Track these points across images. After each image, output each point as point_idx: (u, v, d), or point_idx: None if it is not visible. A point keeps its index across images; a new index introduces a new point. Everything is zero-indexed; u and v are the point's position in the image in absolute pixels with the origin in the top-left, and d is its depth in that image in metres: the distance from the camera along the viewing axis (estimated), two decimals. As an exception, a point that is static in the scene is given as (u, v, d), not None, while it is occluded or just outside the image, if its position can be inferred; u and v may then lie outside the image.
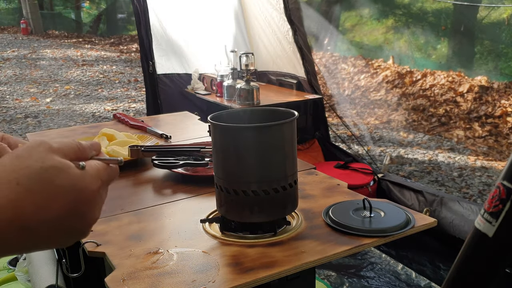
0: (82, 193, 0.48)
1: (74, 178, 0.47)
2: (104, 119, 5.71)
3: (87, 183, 0.49)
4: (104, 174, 0.52)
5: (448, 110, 5.40)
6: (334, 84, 6.86)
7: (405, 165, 4.14)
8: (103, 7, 16.00)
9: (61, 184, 0.46)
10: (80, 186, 0.48)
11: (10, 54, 10.85)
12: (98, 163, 0.53)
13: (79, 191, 0.48)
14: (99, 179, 0.51)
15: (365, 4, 8.08)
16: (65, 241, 0.50)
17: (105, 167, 0.53)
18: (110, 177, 0.54)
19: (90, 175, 0.50)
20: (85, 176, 0.49)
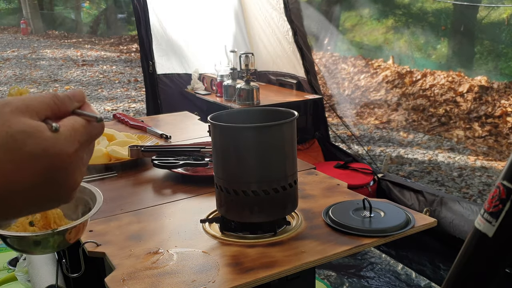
0: (56, 158, 0.43)
1: (46, 143, 0.42)
2: (104, 119, 5.70)
3: (61, 146, 0.43)
4: (83, 133, 0.45)
5: (448, 110, 5.40)
6: (334, 84, 6.86)
7: (405, 165, 4.14)
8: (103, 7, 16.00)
9: (31, 151, 0.41)
10: (53, 152, 0.42)
11: (10, 54, 10.85)
12: (76, 122, 0.45)
13: (53, 157, 0.42)
14: (76, 140, 0.44)
15: (365, 4, 8.08)
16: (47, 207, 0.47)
17: (83, 126, 0.46)
18: (90, 136, 0.47)
19: (65, 137, 0.43)
20: (59, 140, 0.43)
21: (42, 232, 0.81)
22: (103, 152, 1.53)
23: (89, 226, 1.12)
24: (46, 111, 0.44)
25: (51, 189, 0.44)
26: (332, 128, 4.17)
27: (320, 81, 4.80)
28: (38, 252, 0.88)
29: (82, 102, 0.48)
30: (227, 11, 3.89)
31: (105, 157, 1.53)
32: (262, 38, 3.86)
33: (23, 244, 0.82)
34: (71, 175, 0.45)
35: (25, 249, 0.84)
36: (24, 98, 0.43)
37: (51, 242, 0.82)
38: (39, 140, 0.41)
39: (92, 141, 0.48)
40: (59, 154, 0.43)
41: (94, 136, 0.47)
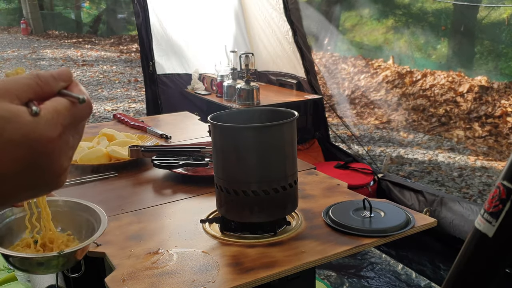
0: (38, 143, 0.40)
1: (25, 128, 0.39)
2: (104, 119, 5.71)
3: (42, 131, 0.40)
4: (66, 116, 0.42)
5: (448, 110, 5.40)
6: (334, 84, 6.86)
7: (405, 165, 4.14)
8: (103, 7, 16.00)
9: (10, 137, 0.39)
10: (33, 137, 0.40)
11: (10, 54, 10.86)
12: (59, 103, 0.42)
13: (33, 142, 0.40)
14: (59, 124, 0.42)
15: (365, 4, 8.08)
16: (33, 195, 0.45)
17: (66, 108, 0.43)
18: (75, 119, 0.44)
19: (46, 120, 0.41)
20: (39, 123, 0.40)
21: (47, 254, 0.79)
22: (103, 152, 1.53)
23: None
24: (27, 94, 0.41)
25: (35, 176, 0.42)
26: (332, 128, 4.17)
27: (320, 81, 4.80)
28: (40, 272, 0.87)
29: (68, 81, 0.45)
30: (227, 11, 3.89)
31: (105, 157, 1.53)
32: (262, 38, 3.86)
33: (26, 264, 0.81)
34: (56, 160, 0.42)
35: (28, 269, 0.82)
36: (5, 81, 0.41)
37: (54, 263, 0.81)
38: (18, 125, 0.39)
39: (78, 123, 0.45)
40: (40, 139, 0.40)
41: (79, 118, 0.44)
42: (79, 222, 0.88)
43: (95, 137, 1.70)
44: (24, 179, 0.41)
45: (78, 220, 0.88)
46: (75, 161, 1.52)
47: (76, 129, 0.45)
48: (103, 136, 1.69)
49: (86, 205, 0.90)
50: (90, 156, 1.51)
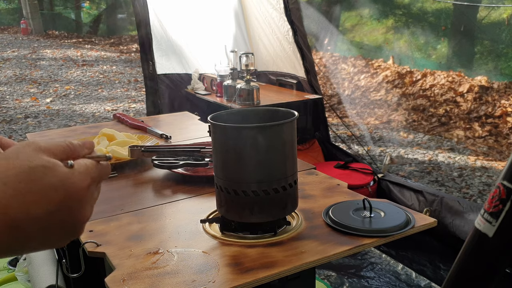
0: (71, 189, 0.48)
1: (62, 176, 0.48)
2: (104, 119, 5.71)
3: (76, 180, 0.49)
4: (94, 171, 0.52)
5: (448, 110, 5.40)
6: (334, 84, 6.86)
7: (405, 165, 4.14)
8: (103, 7, 16.00)
9: (49, 182, 0.46)
10: (68, 183, 0.48)
11: (10, 54, 10.86)
12: (88, 161, 0.52)
13: (68, 188, 0.48)
14: (89, 176, 0.51)
15: (365, 4, 8.08)
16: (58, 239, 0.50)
17: (94, 165, 0.53)
18: (101, 174, 0.54)
19: (79, 172, 0.50)
20: (74, 173, 0.49)
21: None
22: (103, 152, 1.53)
23: (89, 226, 1.12)
24: (61, 154, 0.50)
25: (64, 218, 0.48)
26: (332, 128, 4.17)
27: (320, 81, 4.80)
28: None
29: (91, 150, 0.55)
30: (227, 11, 3.89)
31: (105, 157, 1.53)
32: (262, 38, 3.86)
33: None
34: (84, 206, 0.50)
35: None
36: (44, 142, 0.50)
37: None
38: (56, 173, 0.47)
39: (101, 179, 0.54)
40: (74, 186, 0.48)
41: (103, 175, 0.54)
42: None
43: (95, 137, 1.70)
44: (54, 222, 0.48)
45: None
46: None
47: (98, 186, 0.54)
48: (103, 136, 1.69)
49: None
50: (90, 156, 1.51)
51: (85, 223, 0.52)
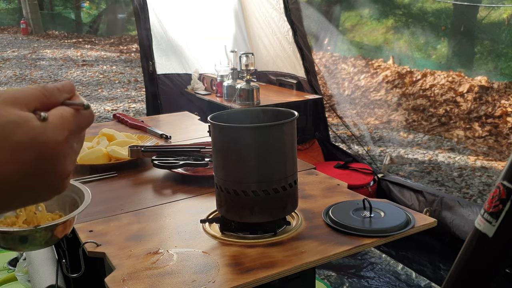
0: (45, 147, 0.43)
1: (34, 132, 0.42)
2: (104, 119, 5.71)
3: (50, 135, 0.43)
4: (72, 122, 0.46)
5: (448, 110, 5.40)
6: (334, 84, 6.86)
7: (405, 165, 4.14)
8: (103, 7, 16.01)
9: (19, 140, 0.41)
10: (41, 140, 0.43)
11: (10, 54, 10.86)
12: (64, 111, 0.46)
13: (41, 146, 0.43)
14: (65, 128, 0.45)
15: (365, 4, 8.08)
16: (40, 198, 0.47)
17: (72, 114, 0.46)
18: (80, 125, 0.47)
19: (54, 126, 0.44)
20: (47, 128, 0.43)
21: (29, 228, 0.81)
22: (103, 152, 1.53)
23: (89, 226, 1.12)
24: (35, 103, 0.44)
25: (42, 178, 0.44)
26: (332, 128, 4.17)
27: (320, 81, 4.80)
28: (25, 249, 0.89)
29: (71, 93, 0.48)
30: (227, 11, 3.89)
31: (105, 157, 1.53)
32: (262, 38, 3.86)
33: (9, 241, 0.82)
34: (61, 163, 0.45)
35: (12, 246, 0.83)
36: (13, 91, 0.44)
37: (37, 239, 0.82)
38: (27, 129, 0.42)
39: (82, 130, 0.48)
40: (48, 143, 0.43)
41: (83, 125, 0.48)
42: (63, 201, 0.90)
43: (95, 137, 1.70)
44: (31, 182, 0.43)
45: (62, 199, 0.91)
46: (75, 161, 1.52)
47: (79, 136, 0.48)
48: (103, 136, 1.69)
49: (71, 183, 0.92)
50: (90, 156, 1.51)
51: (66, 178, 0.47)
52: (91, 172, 1.47)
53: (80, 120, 0.47)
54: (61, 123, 0.45)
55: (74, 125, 0.46)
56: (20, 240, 0.82)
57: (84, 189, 0.93)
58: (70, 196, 0.92)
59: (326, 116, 3.88)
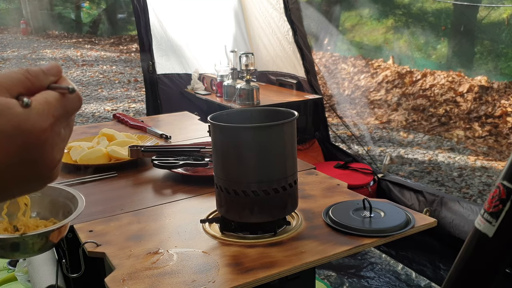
0: (30, 135, 0.40)
1: (17, 120, 0.40)
2: (104, 119, 5.71)
3: (34, 122, 0.40)
4: (58, 107, 0.43)
5: (448, 110, 5.40)
6: (334, 84, 6.86)
7: (405, 165, 4.14)
8: (103, 7, 16.00)
9: (2, 130, 0.39)
10: (25, 128, 0.40)
11: (10, 54, 10.85)
12: (49, 95, 0.43)
13: (25, 134, 0.40)
14: (50, 114, 0.42)
15: (365, 4, 8.08)
16: (27, 189, 0.44)
17: (58, 99, 0.43)
18: (67, 110, 0.44)
19: (37, 112, 0.41)
20: (31, 115, 0.40)
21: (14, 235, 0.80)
22: (103, 152, 1.53)
23: (89, 226, 1.12)
24: (18, 88, 0.42)
25: (28, 169, 0.42)
26: (332, 128, 4.17)
27: (320, 81, 4.80)
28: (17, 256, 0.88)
29: (58, 76, 0.45)
30: (227, 11, 3.89)
31: (105, 157, 1.53)
32: (262, 38, 3.86)
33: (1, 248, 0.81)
34: (48, 151, 0.42)
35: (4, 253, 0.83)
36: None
37: (29, 247, 0.82)
38: (9, 117, 0.39)
39: (69, 115, 0.45)
40: (32, 130, 0.40)
41: (70, 110, 0.45)
42: (56, 207, 0.90)
43: (95, 137, 1.70)
44: (17, 173, 0.41)
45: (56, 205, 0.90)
46: (75, 161, 1.52)
47: (67, 122, 0.45)
48: (103, 136, 1.69)
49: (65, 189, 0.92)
50: (90, 156, 1.51)
51: (55, 167, 0.44)
52: (91, 172, 1.47)
53: (66, 105, 0.44)
54: (45, 108, 0.42)
55: (60, 111, 0.43)
56: (12, 247, 0.81)
57: (77, 196, 0.92)
58: (63, 203, 0.92)
59: (326, 116, 3.88)
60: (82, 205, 0.90)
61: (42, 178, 0.44)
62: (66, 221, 0.86)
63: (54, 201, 0.93)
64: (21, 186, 0.43)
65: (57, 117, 0.43)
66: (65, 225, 0.87)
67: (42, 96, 0.42)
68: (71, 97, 0.44)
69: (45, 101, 0.42)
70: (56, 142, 0.43)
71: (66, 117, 0.45)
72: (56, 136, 0.43)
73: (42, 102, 0.42)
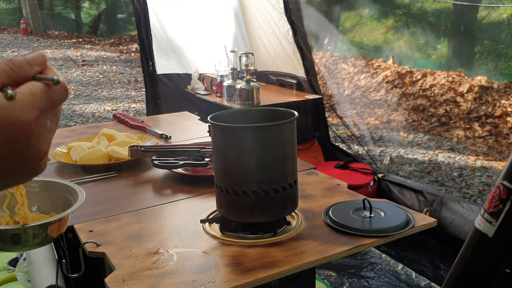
0: (14, 128, 0.40)
1: (1, 113, 0.39)
2: (104, 119, 5.71)
3: (18, 114, 0.40)
4: (43, 99, 0.42)
5: (448, 110, 5.40)
6: (334, 84, 6.86)
7: (405, 165, 4.14)
8: (103, 7, 16.00)
9: None
10: (9, 121, 0.39)
11: (10, 54, 10.85)
12: (34, 87, 0.42)
13: (10, 127, 0.39)
14: (35, 106, 0.41)
15: (365, 4, 8.08)
16: (14, 181, 0.44)
17: (42, 90, 0.42)
18: (53, 101, 0.43)
19: (22, 104, 0.40)
20: (15, 107, 0.40)
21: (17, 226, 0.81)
22: (103, 152, 1.53)
23: (89, 226, 1.12)
24: (2, 78, 0.41)
25: (14, 161, 0.41)
26: (332, 128, 4.17)
27: (320, 81, 4.80)
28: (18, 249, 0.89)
29: (43, 66, 0.44)
30: (227, 11, 3.89)
31: (105, 157, 1.53)
32: (262, 38, 3.86)
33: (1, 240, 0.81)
34: (34, 144, 0.42)
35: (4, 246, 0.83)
36: None
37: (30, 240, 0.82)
38: None
39: (55, 106, 0.44)
40: (17, 123, 0.40)
41: (56, 101, 0.44)
42: (57, 201, 0.90)
43: (95, 137, 1.70)
44: (3, 165, 0.41)
45: (55, 199, 0.91)
46: (75, 161, 1.53)
47: (53, 113, 0.45)
48: (103, 136, 1.69)
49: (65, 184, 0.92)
50: (90, 156, 1.51)
51: (42, 159, 0.44)
52: (91, 172, 1.47)
53: (52, 96, 0.43)
54: (30, 100, 0.41)
55: (45, 102, 0.42)
56: (12, 239, 0.82)
57: (78, 189, 0.93)
58: (64, 197, 0.92)
59: (326, 116, 3.88)
60: (82, 198, 0.90)
61: (29, 170, 0.43)
62: (67, 213, 0.86)
63: (54, 196, 0.93)
64: (8, 178, 0.43)
65: (43, 109, 0.42)
66: (65, 218, 0.87)
67: (26, 88, 0.41)
68: (56, 88, 0.43)
69: (30, 92, 0.41)
70: (42, 133, 0.42)
71: (52, 108, 0.44)
72: (42, 128, 0.42)
73: (27, 94, 0.41)
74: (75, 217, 1.17)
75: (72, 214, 0.89)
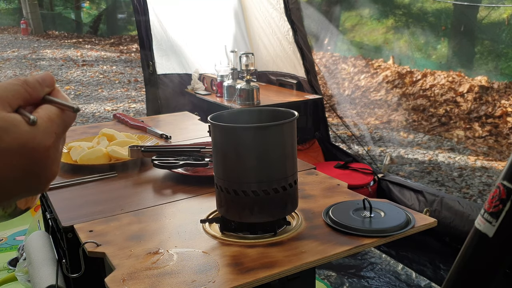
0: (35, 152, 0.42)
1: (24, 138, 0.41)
2: (104, 119, 5.71)
3: (39, 140, 0.42)
4: (59, 124, 0.44)
5: (448, 110, 5.40)
6: (334, 84, 6.86)
7: (405, 165, 4.14)
8: (103, 7, 16.01)
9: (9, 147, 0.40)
10: (31, 146, 0.41)
11: (10, 54, 10.86)
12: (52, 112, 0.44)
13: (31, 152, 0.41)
14: (53, 132, 0.43)
15: (365, 4, 8.08)
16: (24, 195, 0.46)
17: (58, 115, 0.45)
18: (65, 126, 0.46)
19: (43, 130, 0.42)
20: (37, 133, 0.42)
21: None
22: (103, 152, 1.53)
23: (89, 226, 1.12)
24: (18, 100, 0.42)
25: (30, 181, 0.43)
26: (332, 128, 4.17)
27: (320, 81, 4.80)
28: None
29: (52, 87, 0.46)
30: (227, 11, 3.89)
31: (105, 157, 1.53)
32: (262, 38, 3.86)
33: None
34: (49, 166, 0.44)
35: None
36: None
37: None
38: (16, 135, 0.40)
39: (67, 130, 0.47)
40: (38, 148, 0.42)
41: (68, 125, 0.46)
42: None
43: (95, 137, 1.70)
44: (20, 184, 0.43)
45: None
46: (75, 161, 1.52)
47: (63, 137, 0.47)
48: (103, 136, 1.69)
49: None
50: (90, 156, 1.51)
51: (52, 180, 0.46)
52: (91, 172, 1.47)
53: (65, 121, 0.46)
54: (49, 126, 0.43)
55: (61, 128, 0.45)
56: None
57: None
58: None
59: (326, 116, 3.88)
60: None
61: (40, 188, 0.46)
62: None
63: None
64: (20, 195, 0.45)
65: (59, 134, 0.45)
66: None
67: (45, 113, 0.44)
68: (70, 114, 0.46)
69: (48, 118, 0.43)
70: (56, 157, 0.45)
71: (65, 132, 0.46)
72: (56, 151, 0.45)
73: (46, 120, 0.43)
74: (75, 217, 1.17)
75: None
